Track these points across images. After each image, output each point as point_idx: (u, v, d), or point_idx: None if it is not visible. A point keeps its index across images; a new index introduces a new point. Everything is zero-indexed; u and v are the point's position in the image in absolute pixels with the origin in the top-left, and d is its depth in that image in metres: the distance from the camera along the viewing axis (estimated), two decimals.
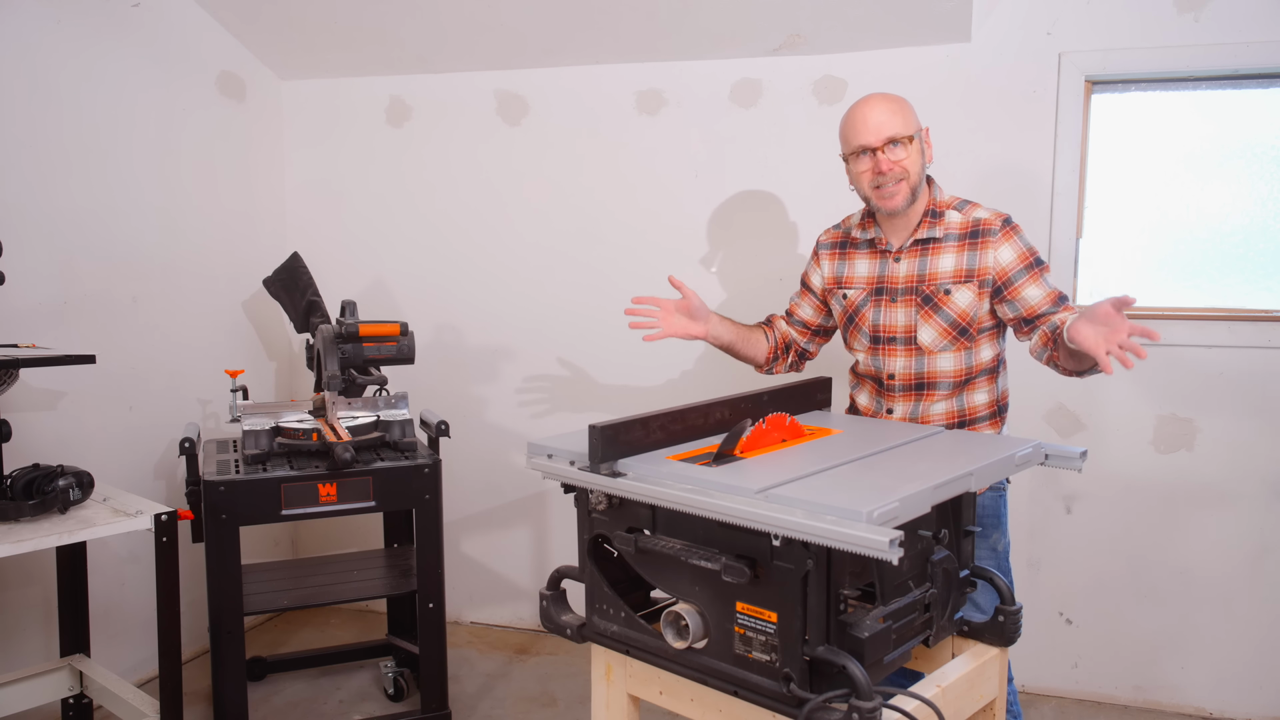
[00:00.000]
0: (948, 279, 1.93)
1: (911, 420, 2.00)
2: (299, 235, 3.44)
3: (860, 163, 1.92)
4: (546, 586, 1.60)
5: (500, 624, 3.45)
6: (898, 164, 1.88)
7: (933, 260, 1.94)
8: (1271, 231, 2.68)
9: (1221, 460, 2.71)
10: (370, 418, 2.57)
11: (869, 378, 2.08)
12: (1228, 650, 2.76)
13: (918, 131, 1.91)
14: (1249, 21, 2.57)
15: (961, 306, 1.92)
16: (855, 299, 2.05)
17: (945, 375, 1.97)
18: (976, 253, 1.91)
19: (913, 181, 1.90)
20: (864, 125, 1.89)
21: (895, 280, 1.98)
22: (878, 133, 1.88)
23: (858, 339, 2.06)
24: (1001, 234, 1.90)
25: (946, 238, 1.94)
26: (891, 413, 2.03)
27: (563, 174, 3.21)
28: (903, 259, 1.98)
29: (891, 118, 1.88)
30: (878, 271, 2.02)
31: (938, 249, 1.94)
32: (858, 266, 2.06)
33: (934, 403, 1.99)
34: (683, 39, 2.97)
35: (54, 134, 2.59)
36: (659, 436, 1.53)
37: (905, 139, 1.88)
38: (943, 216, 1.95)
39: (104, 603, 2.72)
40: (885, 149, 1.88)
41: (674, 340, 2.18)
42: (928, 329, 1.95)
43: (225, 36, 3.15)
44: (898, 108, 1.90)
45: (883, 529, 1.12)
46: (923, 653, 1.56)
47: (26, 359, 2.10)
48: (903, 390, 2.00)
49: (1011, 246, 1.90)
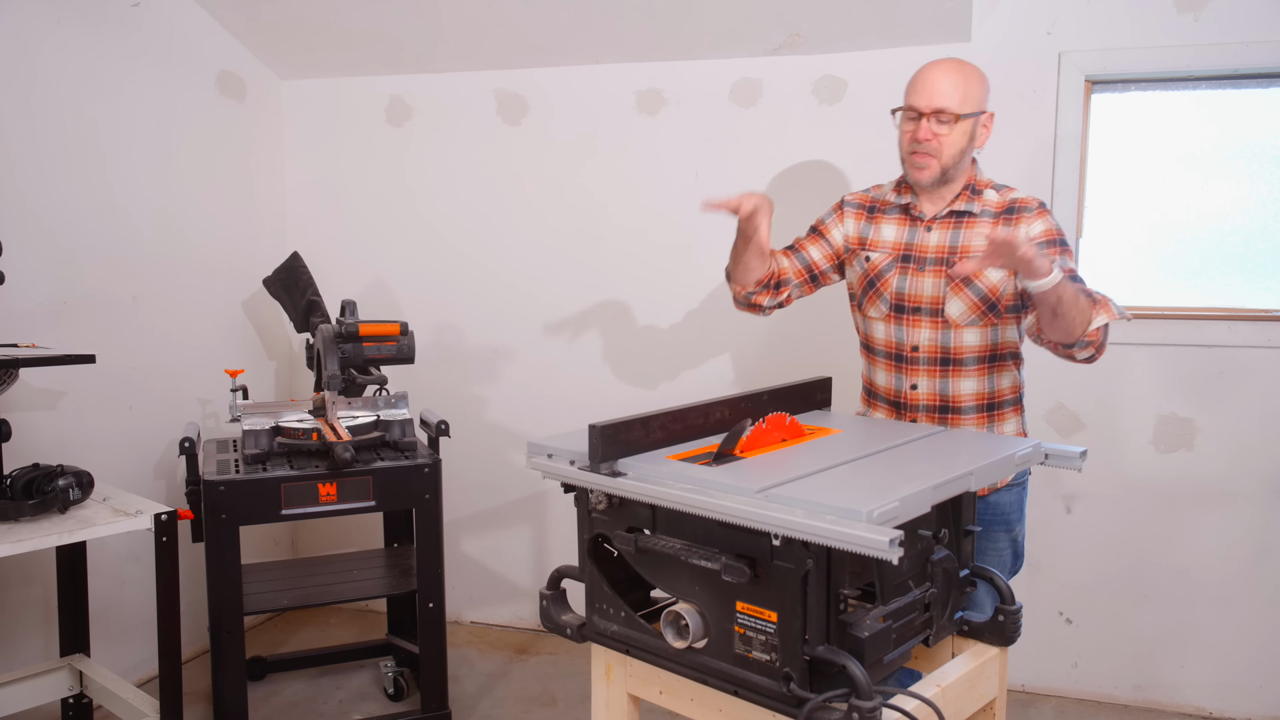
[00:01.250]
0: (981, 253, 1.90)
1: (941, 397, 1.96)
2: (299, 235, 3.44)
3: (906, 122, 1.91)
4: (546, 586, 1.60)
5: (500, 624, 3.45)
6: (935, 138, 1.85)
7: (966, 233, 1.92)
8: (1271, 231, 2.68)
9: (1221, 460, 2.71)
10: (370, 417, 2.57)
11: (887, 353, 2.02)
12: (1228, 650, 2.76)
13: (975, 114, 1.87)
14: (1249, 21, 2.57)
15: (993, 281, 1.89)
16: (880, 263, 2.00)
17: (971, 350, 1.93)
18: (1010, 228, 1.88)
19: (944, 162, 1.87)
20: (922, 86, 1.86)
21: (925, 249, 1.95)
22: (930, 99, 1.85)
23: (875, 305, 2.01)
24: (1036, 212, 1.90)
25: (983, 213, 1.92)
26: (916, 388, 1.97)
27: (563, 174, 3.21)
28: (935, 229, 1.95)
29: (953, 90, 1.84)
30: (905, 238, 1.98)
31: (972, 223, 1.92)
32: (884, 230, 2.02)
33: (962, 379, 1.94)
34: (683, 39, 2.97)
35: (54, 134, 2.59)
36: (659, 436, 1.53)
37: (954, 117, 1.84)
38: (981, 194, 1.94)
39: (104, 602, 2.72)
40: (931, 118, 1.85)
41: (674, 340, 2.17)
42: (957, 302, 1.91)
43: (225, 36, 3.15)
44: (964, 82, 1.86)
45: (883, 529, 1.12)
46: (923, 652, 1.56)
47: (26, 359, 2.10)
48: (928, 364, 1.96)
49: (1043, 222, 1.89)
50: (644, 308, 3.17)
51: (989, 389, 1.96)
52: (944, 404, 1.96)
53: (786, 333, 2.97)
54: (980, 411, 1.96)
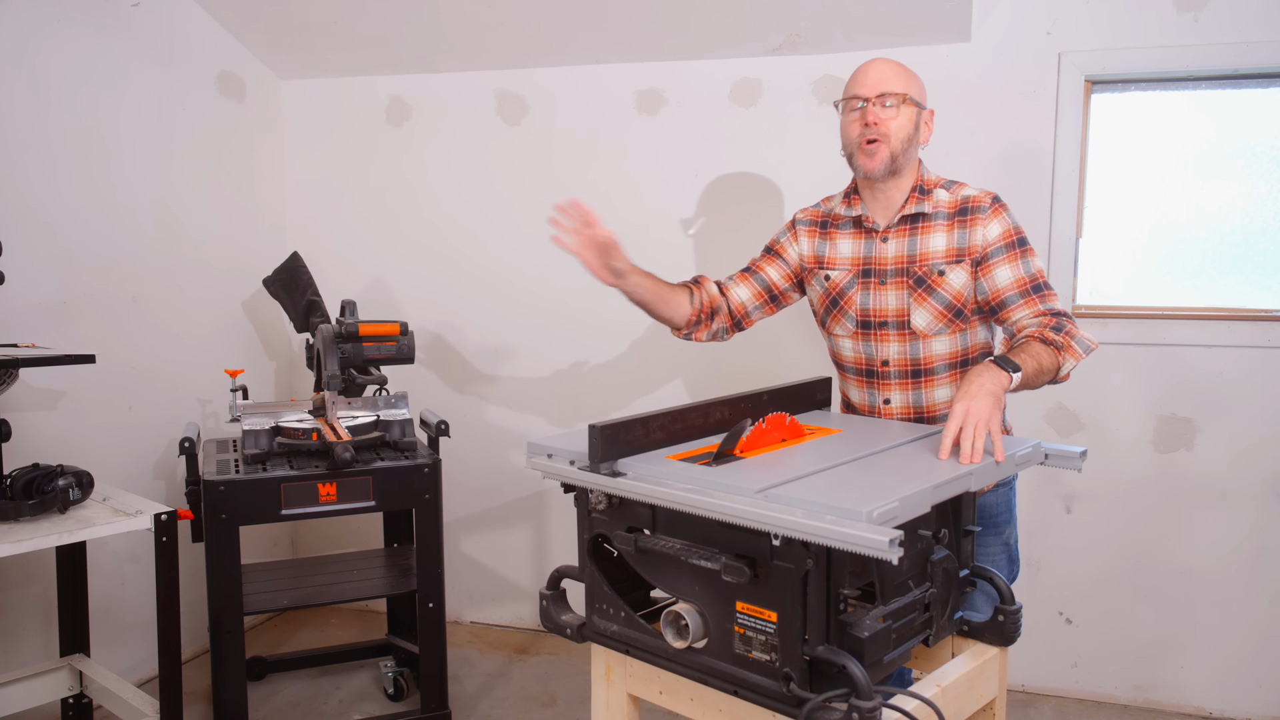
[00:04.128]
0: (940, 259, 1.87)
1: (915, 409, 1.94)
2: (299, 235, 3.44)
3: (851, 113, 1.89)
4: (546, 586, 1.60)
5: (500, 624, 3.45)
6: (884, 121, 1.84)
7: (923, 240, 1.88)
8: (1271, 231, 2.69)
9: (1221, 460, 2.71)
10: (370, 417, 2.57)
11: (857, 369, 1.99)
12: (1228, 650, 2.76)
13: (917, 99, 1.87)
14: (1248, 21, 2.57)
15: (956, 287, 1.87)
16: (840, 280, 1.97)
17: (941, 359, 1.90)
18: (966, 230, 1.85)
19: (894, 146, 1.84)
20: (863, 77, 1.87)
21: (884, 261, 1.92)
22: (875, 86, 1.85)
23: (841, 323, 1.98)
24: (990, 210, 1.85)
25: (936, 215, 1.88)
26: (889, 403, 1.95)
27: (562, 173, 3.21)
28: (890, 239, 1.91)
29: (894, 77, 1.85)
30: (863, 252, 1.94)
31: (927, 228, 1.88)
32: (840, 246, 1.98)
33: (935, 388, 1.92)
34: (683, 39, 2.97)
35: (54, 134, 2.59)
36: (659, 436, 1.53)
37: (900, 98, 1.84)
38: (930, 194, 1.89)
39: (104, 602, 2.72)
40: (876, 102, 1.84)
41: (674, 340, 2.17)
42: (922, 312, 1.88)
43: (225, 36, 3.15)
44: (902, 71, 1.87)
45: (882, 529, 1.12)
46: (922, 652, 1.56)
47: (26, 359, 2.10)
48: (899, 377, 1.93)
49: (999, 223, 1.85)
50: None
51: None
52: (919, 415, 1.94)
53: (786, 333, 2.97)
54: None
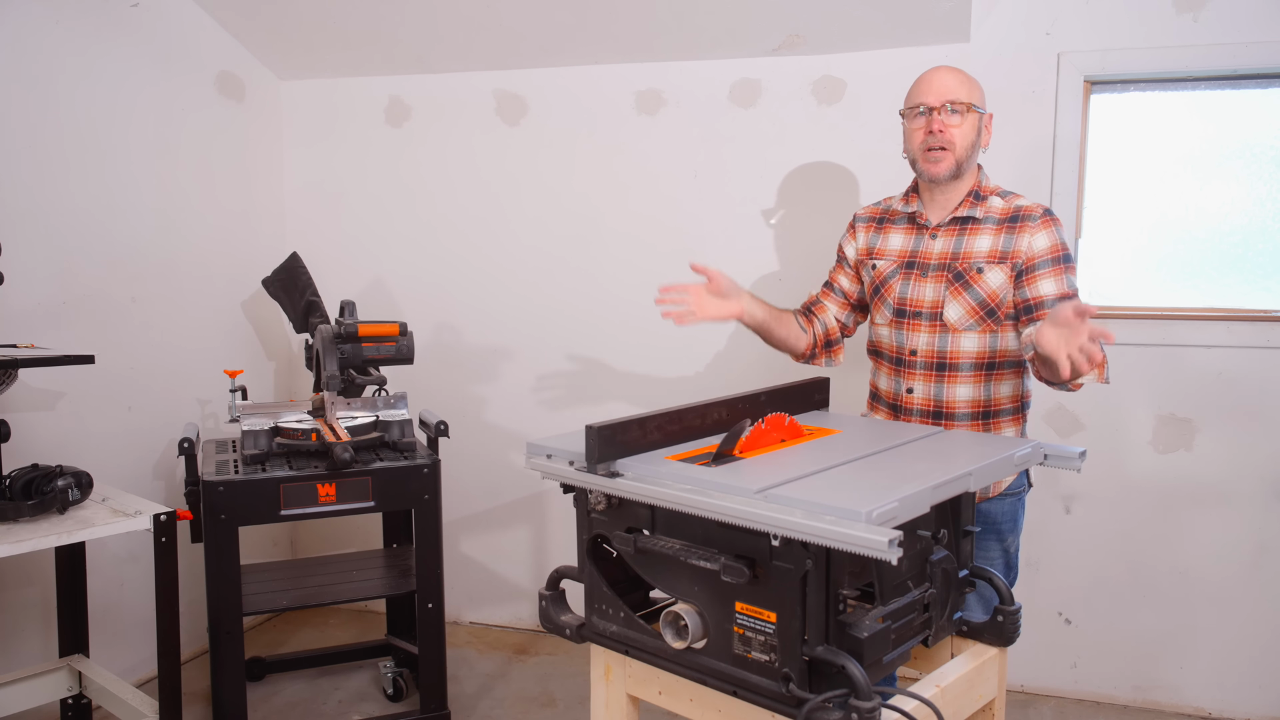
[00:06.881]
0: (982, 258, 1.93)
1: (935, 403, 1.98)
2: (298, 235, 3.44)
3: (916, 120, 1.95)
4: (546, 586, 1.60)
5: (499, 624, 3.45)
6: (950, 129, 1.91)
7: (969, 239, 1.95)
8: (1270, 231, 2.68)
9: (1221, 460, 2.71)
10: (369, 418, 2.56)
11: (887, 356, 2.06)
12: (1227, 650, 2.76)
13: (978, 105, 1.94)
14: (1248, 22, 2.57)
15: (993, 287, 1.92)
16: (884, 270, 2.05)
17: (968, 355, 1.95)
18: (1014, 236, 1.92)
19: (958, 154, 1.92)
20: (928, 85, 1.94)
21: (929, 256, 1.99)
22: (939, 95, 1.91)
23: (881, 311, 2.06)
24: (1041, 221, 1.92)
25: (986, 219, 1.95)
26: (911, 392, 2.00)
27: (562, 174, 3.21)
28: (939, 236, 1.99)
29: (958, 86, 1.92)
30: (911, 246, 2.03)
31: (975, 229, 1.95)
32: (891, 240, 2.07)
33: (957, 385, 1.96)
34: (682, 39, 2.97)
35: (53, 134, 2.59)
36: (657, 437, 1.53)
37: (964, 107, 1.91)
38: (985, 200, 1.97)
39: (103, 603, 2.72)
40: (942, 110, 1.91)
41: (673, 341, 2.18)
42: (955, 305, 1.94)
43: (224, 36, 3.15)
44: (965, 79, 1.94)
45: (882, 529, 1.12)
46: (922, 653, 1.56)
47: (25, 359, 2.10)
48: (924, 368, 1.98)
49: (1048, 235, 1.91)
50: (642, 307, 3.15)
51: (985, 396, 1.97)
52: (938, 409, 1.98)
53: None
54: (974, 419, 1.97)
